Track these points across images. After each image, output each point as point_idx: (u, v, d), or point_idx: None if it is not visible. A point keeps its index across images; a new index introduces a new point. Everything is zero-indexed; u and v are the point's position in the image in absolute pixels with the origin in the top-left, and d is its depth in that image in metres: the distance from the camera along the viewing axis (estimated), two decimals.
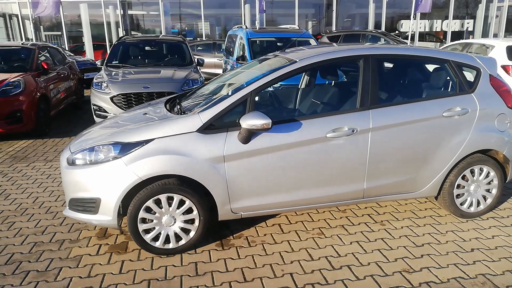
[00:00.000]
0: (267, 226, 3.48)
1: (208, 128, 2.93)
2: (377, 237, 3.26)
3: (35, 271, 2.84)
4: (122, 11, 16.22)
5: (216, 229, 3.41)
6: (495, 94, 3.43)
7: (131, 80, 6.45)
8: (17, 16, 18.46)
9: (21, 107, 6.25)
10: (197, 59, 7.91)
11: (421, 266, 2.85)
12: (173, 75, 6.67)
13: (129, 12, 17.12)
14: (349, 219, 3.57)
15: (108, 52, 7.82)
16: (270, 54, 3.93)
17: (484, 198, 3.55)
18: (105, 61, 7.48)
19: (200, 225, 3.01)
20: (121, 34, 15.95)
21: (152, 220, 2.94)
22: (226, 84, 3.72)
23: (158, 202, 2.91)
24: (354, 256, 2.99)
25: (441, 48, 10.12)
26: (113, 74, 6.71)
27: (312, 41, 8.28)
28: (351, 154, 3.11)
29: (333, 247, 3.12)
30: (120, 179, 2.83)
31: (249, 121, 2.80)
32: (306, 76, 4.31)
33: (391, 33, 15.53)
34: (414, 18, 11.99)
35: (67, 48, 15.78)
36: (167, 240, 3.00)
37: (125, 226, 3.35)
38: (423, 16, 17.84)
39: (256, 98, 3.40)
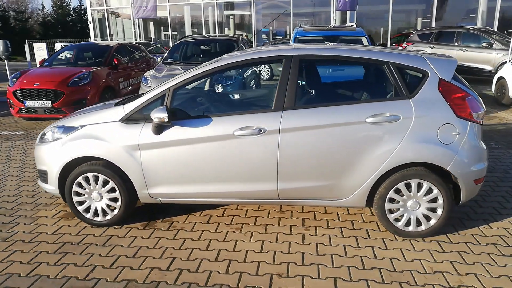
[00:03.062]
0: (200, 215, 3.70)
1: (129, 119, 3.30)
2: (286, 240, 3.21)
3: (0, 223, 3.62)
4: (218, 11, 17.49)
5: (157, 211, 3.77)
6: (442, 101, 3.02)
7: (170, 76, 7.15)
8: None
9: (86, 96, 7.52)
10: None
11: (299, 273, 2.77)
12: None
13: (225, 12, 18.35)
14: (279, 219, 3.56)
15: (168, 50, 8.73)
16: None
17: (427, 217, 3.16)
18: (163, 59, 8.40)
19: (122, 204, 3.41)
20: (217, 33, 17.23)
21: (84, 194, 3.45)
22: None
23: (87, 180, 3.40)
24: (246, 253, 3.04)
25: None
26: (160, 70, 7.53)
27: (364, 40, 7.89)
28: (260, 153, 3.14)
29: (236, 242, 3.21)
30: (58, 157, 3.41)
31: (153, 114, 3.09)
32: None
33: (502, 32, 13.44)
34: None
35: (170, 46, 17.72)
36: (96, 213, 3.48)
37: None
38: None
39: (191, 93, 3.66)
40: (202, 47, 8.69)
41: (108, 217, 3.47)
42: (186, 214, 3.72)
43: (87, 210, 3.49)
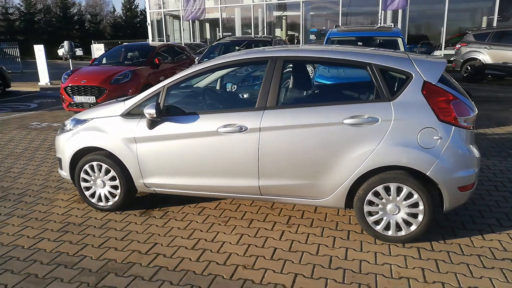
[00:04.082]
0: (194, 207, 3.92)
1: (128, 114, 3.60)
2: (264, 235, 3.32)
3: (24, 202, 4.11)
4: (268, 12, 17.70)
5: (157, 200, 4.06)
6: (424, 104, 2.94)
7: None
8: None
9: (126, 92, 8.08)
10: None
11: (264, 266, 2.86)
12: (237, 71, 7.38)
13: (275, 13, 18.50)
14: (266, 216, 3.67)
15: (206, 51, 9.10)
16: None
17: (407, 223, 3.09)
18: (199, 59, 8.77)
19: (122, 192, 3.73)
20: (265, 34, 17.47)
21: (89, 181, 3.82)
22: None
23: (93, 168, 3.76)
24: (222, 244, 3.19)
25: None
26: None
27: (400, 41, 7.63)
28: (241, 150, 3.27)
29: (217, 233, 3.37)
30: (69, 146, 3.81)
31: (145, 110, 3.36)
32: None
33: None
34: None
35: None
36: (100, 198, 3.83)
37: None
38: None
39: (190, 91, 3.89)
40: (237, 47, 8.94)
41: (110, 203, 3.80)
42: (182, 205, 3.95)
43: (93, 195, 3.85)
